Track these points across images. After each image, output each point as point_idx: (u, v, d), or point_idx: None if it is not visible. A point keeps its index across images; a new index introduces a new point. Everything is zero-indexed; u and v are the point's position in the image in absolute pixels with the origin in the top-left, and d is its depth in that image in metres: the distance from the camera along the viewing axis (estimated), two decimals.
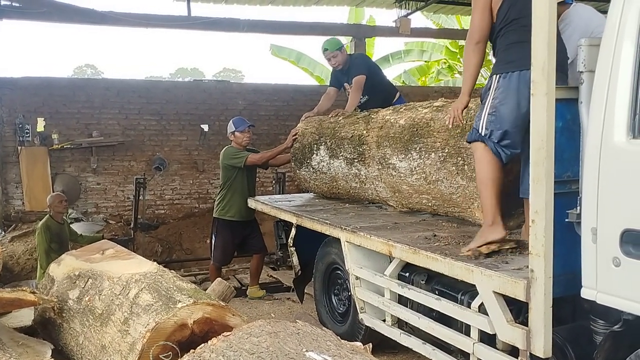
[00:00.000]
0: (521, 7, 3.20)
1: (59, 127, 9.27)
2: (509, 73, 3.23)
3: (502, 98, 3.24)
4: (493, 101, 3.28)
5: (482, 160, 3.35)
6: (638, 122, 2.46)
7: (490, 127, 3.27)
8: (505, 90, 3.24)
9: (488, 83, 3.38)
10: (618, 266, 2.48)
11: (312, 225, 4.78)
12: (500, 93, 3.25)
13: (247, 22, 9.38)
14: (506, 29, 3.30)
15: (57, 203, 6.37)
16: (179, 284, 3.44)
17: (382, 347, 4.33)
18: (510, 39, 3.30)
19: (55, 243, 6.20)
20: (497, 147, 3.25)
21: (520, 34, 3.17)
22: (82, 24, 9.36)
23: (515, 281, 2.80)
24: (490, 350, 3.06)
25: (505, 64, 3.28)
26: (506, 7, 3.31)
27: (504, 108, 3.23)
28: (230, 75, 40.40)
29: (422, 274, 3.69)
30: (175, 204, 10.01)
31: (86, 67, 43.71)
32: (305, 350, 2.44)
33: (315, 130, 5.60)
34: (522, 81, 3.14)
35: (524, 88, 3.09)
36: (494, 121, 3.26)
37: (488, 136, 3.28)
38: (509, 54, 3.27)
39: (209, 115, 10.12)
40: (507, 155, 3.27)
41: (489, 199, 3.33)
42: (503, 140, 3.24)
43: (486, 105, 3.33)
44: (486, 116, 3.30)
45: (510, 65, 3.24)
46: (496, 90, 3.28)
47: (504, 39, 3.33)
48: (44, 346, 3.65)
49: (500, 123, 3.24)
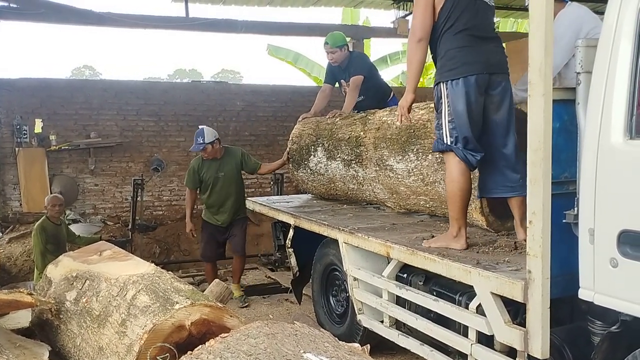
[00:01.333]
0: (463, 9, 3.29)
1: (57, 128, 9.25)
2: (454, 80, 3.30)
3: (455, 105, 3.31)
4: (449, 109, 3.34)
5: (454, 171, 3.41)
6: (635, 123, 2.47)
7: (454, 134, 3.34)
8: (455, 97, 3.30)
9: (437, 92, 3.43)
10: (615, 267, 2.49)
11: (310, 226, 4.78)
12: (452, 100, 3.32)
13: (245, 23, 9.38)
14: (448, 33, 3.34)
15: (50, 207, 6.31)
16: (176, 285, 3.44)
17: (380, 348, 4.33)
18: (451, 44, 3.34)
19: (52, 244, 6.17)
20: (465, 152, 3.33)
21: (460, 39, 3.29)
22: (79, 25, 9.35)
23: (512, 282, 2.80)
24: (488, 352, 3.07)
25: (449, 71, 3.33)
26: (449, 6, 3.33)
27: (459, 115, 3.30)
28: (228, 76, 40.38)
29: (420, 275, 3.69)
30: (173, 205, 10.00)
31: (84, 68, 43.64)
32: (303, 352, 2.44)
33: (312, 131, 5.60)
34: (469, 86, 3.26)
35: (472, 93, 3.26)
36: (455, 128, 3.33)
37: (454, 143, 3.35)
38: (451, 61, 3.33)
39: (207, 117, 10.10)
40: (476, 159, 3.35)
41: (457, 211, 3.43)
42: (468, 145, 3.33)
43: (443, 114, 3.39)
44: (446, 125, 3.36)
45: (454, 72, 3.30)
46: (447, 97, 3.34)
47: (445, 43, 3.38)
48: (41, 348, 3.64)
49: (460, 129, 3.32)
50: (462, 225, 3.46)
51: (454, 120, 3.33)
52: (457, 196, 3.41)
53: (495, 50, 3.40)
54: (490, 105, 3.37)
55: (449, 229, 3.54)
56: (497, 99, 3.37)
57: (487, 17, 3.43)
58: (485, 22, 3.41)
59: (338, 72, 5.92)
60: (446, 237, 3.53)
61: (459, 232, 3.45)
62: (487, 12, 3.45)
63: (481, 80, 3.29)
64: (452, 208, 3.46)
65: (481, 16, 3.37)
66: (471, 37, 3.31)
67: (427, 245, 3.54)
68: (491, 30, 3.47)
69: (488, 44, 3.37)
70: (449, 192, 3.49)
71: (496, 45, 3.43)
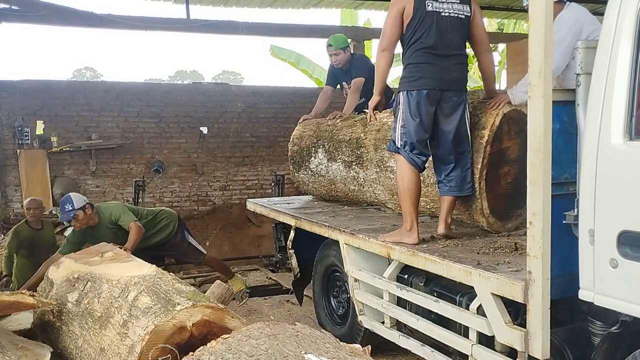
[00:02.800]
0: (428, 27, 3.61)
1: (58, 129, 9.27)
2: (410, 91, 3.68)
3: (407, 114, 3.70)
4: (402, 115, 3.73)
5: (402, 170, 3.79)
6: (635, 124, 2.47)
7: (404, 139, 3.74)
8: (409, 106, 3.68)
9: (396, 99, 3.81)
10: (615, 268, 2.49)
11: (311, 227, 4.79)
12: (406, 108, 3.70)
13: (246, 24, 9.38)
14: (411, 48, 3.71)
15: (25, 210, 6.13)
16: (177, 287, 3.44)
17: (381, 349, 4.34)
18: (413, 59, 3.70)
19: (25, 249, 6.05)
20: (411, 155, 3.72)
21: (420, 55, 3.66)
22: (81, 27, 9.35)
23: (513, 283, 2.81)
24: (488, 352, 3.07)
25: (408, 83, 3.71)
26: (415, 22, 3.64)
27: (409, 123, 3.70)
28: (229, 78, 40.40)
29: (421, 276, 3.70)
30: (174, 207, 9.97)
31: (85, 69, 43.70)
32: (304, 353, 2.45)
33: (313, 133, 5.61)
34: (421, 98, 3.65)
35: (423, 104, 3.65)
36: (405, 133, 3.73)
37: (403, 147, 3.74)
38: (411, 74, 3.69)
39: (208, 118, 10.13)
40: (422, 161, 3.76)
41: (408, 206, 3.76)
42: (414, 150, 3.72)
43: (398, 119, 3.78)
44: (399, 129, 3.77)
45: (411, 85, 3.69)
46: (403, 105, 3.72)
47: (408, 57, 3.73)
48: (43, 349, 3.65)
49: (409, 136, 3.71)
50: (414, 220, 3.74)
51: (405, 127, 3.72)
52: (406, 192, 3.75)
53: (453, 67, 3.70)
54: (441, 116, 3.72)
55: (403, 224, 3.81)
56: (447, 111, 3.71)
57: (454, 33, 3.68)
58: (449, 39, 3.66)
59: (340, 74, 5.93)
60: (400, 231, 3.81)
61: (411, 227, 3.73)
62: (456, 27, 3.68)
63: (432, 95, 3.65)
64: (404, 203, 3.79)
65: (447, 35, 3.64)
66: (430, 55, 3.64)
67: (383, 240, 3.82)
68: (455, 47, 3.70)
69: (447, 61, 3.67)
70: (399, 189, 3.83)
71: (456, 62, 3.74)
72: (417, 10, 3.60)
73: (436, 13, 3.61)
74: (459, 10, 3.66)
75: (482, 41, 3.84)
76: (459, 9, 3.67)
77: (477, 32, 3.79)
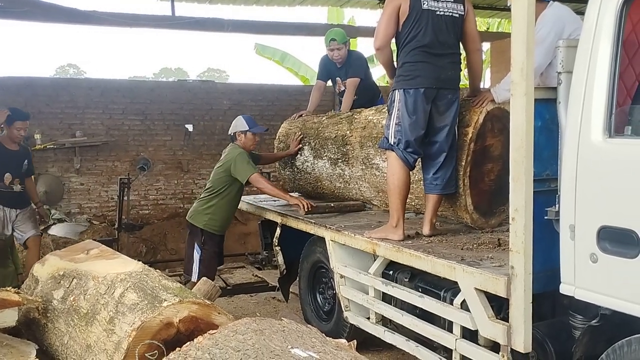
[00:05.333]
0: (423, 26, 3.63)
1: (42, 127, 9.17)
2: (406, 90, 3.70)
3: (403, 112, 3.71)
4: (397, 113, 3.75)
5: (393, 167, 3.81)
6: (614, 121, 2.53)
7: (397, 137, 3.76)
8: (405, 105, 3.70)
9: (391, 97, 3.82)
10: (595, 262, 2.55)
11: (297, 224, 4.81)
12: (402, 106, 3.72)
13: (232, 22, 9.35)
14: (407, 46, 3.70)
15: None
16: (164, 283, 3.45)
17: (367, 344, 4.37)
18: (409, 58, 3.71)
19: None
20: (404, 153, 3.73)
21: (416, 54, 3.68)
22: (65, 24, 9.27)
23: (496, 278, 2.86)
24: (472, 346, 3.12)
25: (404, 82, 3.72)
26: (410, 21, 3.65)
27: (405, 121, 3.71)
28: (214, 75, 40.23)
29: (406, 271, 3.74)
30: (159, 204, 9.96)
31: (68, 66, 43.26)
32: (291, 347, 2.47)
33: (299, 130, 5.63)
34: (418, 96, 3.67)
35: (419, 103, 3.67)
36: (400, 131, 3.74)
37: (396, 144, 3.76)
38: (407, 72, 3.71)
39: (193, 115, 10.08)
40: (414, 159, 3.78)
41: (396, 203, 3.79)
42: (408, 148, 3.73)
43: (392, 117, 3.79)
44: (393, 126, 3.78)
45: (408, 83, 3.70)
46: (399, 103, 3.73)
47: (404, 55, 3.73)
48: (28, 346, 3.63)
49: (403, 134, 3.72)
50: (401, 217, 3.78)
51: (400, 124, 3.73)
52: (396, 189, 3.78)
53: (448, 66, 3.74)
54: (436, 113, 3.75)
55: (389, 220, 3.84)
56: (442, 109, 3.75)
57: (449, 32, 3.71)
58: (444, 38, 3.69)
59: (333, 69, 5.90)
60: (386, 228, 3.85)
61: (397, 223, 3.77)
62: (451, 26, 3.71)
63: (429, 93, 3.68)
64: (392, 200, 3.81)
65: (442, 34, 3.67)
66: (426, 54, 3.67)
67: (368, 236, 3.85)
68: (449, 46, 3.73)
69: (443, 60, 3.71)
70: (389, 186, 3.85)
71: (451, 60, 3.76)
72: (413, 8, 3.62)
73: (431, 12, 3.64)
74: (453, 9, 3.69)
75: (474, 40, 3.87)
76: (454, 8, 3.70)
77: (470, 31, 3.82)
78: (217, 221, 5.16)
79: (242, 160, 5.05)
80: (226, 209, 5.21)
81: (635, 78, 2.80)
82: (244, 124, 5.34)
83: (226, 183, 5.12)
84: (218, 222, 5.17)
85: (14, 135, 5.91)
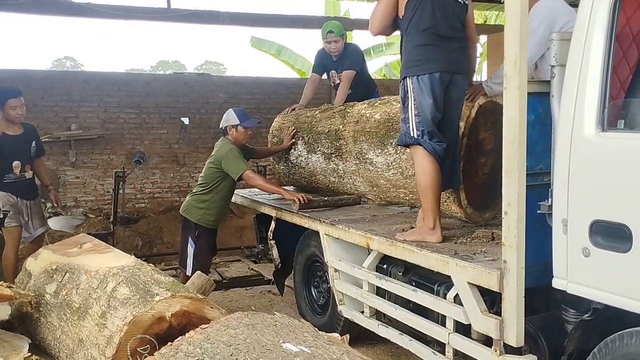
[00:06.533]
0: (430, 7, 3.41)
1: (37, 120, 9.11)
2: (420, 76, 3.43)
3: (421, 99, 3.44)
4: (415, 103, 3.47)
5: (422, 165, 3.50)
6: (607, 115, 2.51)
7: (420, 128, 3.46)
8: (421, 92, 3.43)
9: (403, 86, 3.54)
10: (588, 256, 2.54)
11: (292, 218, 4.80)
12: (418, 94, 3.45)
13: (228, 14, 9.32)
14: (414, 29, 3.46)
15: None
16: (156, 277, 3.44)
17: (361, 338, 4.38)
18: (417, 41, 3.47)
19: None
20: (432, 143, 3.44)
21: (426, 36, 3.43)
22: (60, 16, 9.23)
23: (488, 272, 2.86)
24: (465, 340, 3.12)
25: (414, 67, 3.46)
26: (414, 2, 3.43)
27: (426, 109, 3.43)
28: (211, 68, 40.20)
29: (400, 265, 3.74)
30: (155, 198, 9.95)
31: (65, 59, 43.14)
32: (282, 342, 2.46)
33: (292, 124, 5.61)
34: (434, 82, 3.41)
35: (436, 88, 3.41)
36: (421, 122, 3.45)
37: (421, 137, 3.46)
38: (417, 57, 3.46)
39: (189, 109, 10.06)
40: (442, 148, 3.46)
41: (431, 202, 3.49)
42: (434, 138, 3.44)
43: (409, 108, 3.50)
44: (413, 118, 3.48)
45: (421, 68, 3.44)
46: (414, 91, 3.46)
47: (411, 39, 3.49)
48: (21, 340, 3.62)
49: (425, 123, 3.44)
50: (437, 217, 3.51)
51: (420, 114, 3.45)
52: (429, 187, 3.48)
53: (457, 50, 3.54)
54: (449, 103, 3.52)
55: (424, 221, 3.57)
56: (455, 95, 3.53)
57: (455, 16, 3.53)
58: (451, 22, 3.50)
59: (329, 62, 5.86)
60: (422, 230, 3.57)
61: (435, 224, 3.50)
62: (457, 10, 3.54)
63: (444, 77, 3.44)
64: (426, 200, 3.52)
65: (448, 16, 3.48)
66: (436, 36, 3.44)
67: (402, 239, 3.57)
68: (457, 29, 3.55)
69: (452, 43, 3.50)
70: (420, 185, 3.54)
71: (459, 45, 3.56)
72: None
73: None
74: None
75: (471, 32, 3.76)
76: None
77: (469, 23, 3.71)
78: (212, 216, 5.16)
79: (232, 156, 5.02)
80: (220, 204, 5.20)
81: (629, 71, 2.78)
82: (235, 117, 5.27)
83: (219, 178, 5.11)
84: (212, 216, 5.16)
85: (12, 116, 5.40)
